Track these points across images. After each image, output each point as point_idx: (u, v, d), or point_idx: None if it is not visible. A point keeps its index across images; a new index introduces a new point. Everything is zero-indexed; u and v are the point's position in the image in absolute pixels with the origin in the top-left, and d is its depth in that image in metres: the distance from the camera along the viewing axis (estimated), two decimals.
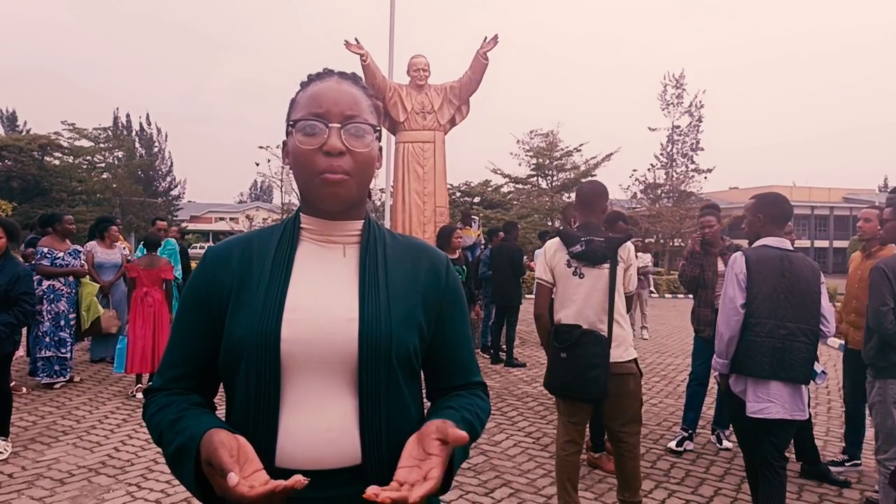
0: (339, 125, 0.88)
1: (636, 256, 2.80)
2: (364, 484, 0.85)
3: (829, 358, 7.17)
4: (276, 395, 0.86)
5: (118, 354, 5.05)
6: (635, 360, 2.66)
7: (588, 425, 3.26)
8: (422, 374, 1.01)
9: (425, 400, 1.04)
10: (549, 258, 2.70)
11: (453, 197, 21.06)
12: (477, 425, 0.95)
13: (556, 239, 2.74)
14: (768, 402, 2.39)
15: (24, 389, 4.91)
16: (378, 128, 0.93)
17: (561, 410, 2.74)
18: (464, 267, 5.70)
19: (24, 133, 27.47)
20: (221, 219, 45.75)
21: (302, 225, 0.96)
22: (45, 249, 5.03)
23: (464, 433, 0.78)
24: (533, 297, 2.93)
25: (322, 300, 0.90)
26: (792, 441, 3.42)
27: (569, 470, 2.66)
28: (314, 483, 0.85)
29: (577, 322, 2.57)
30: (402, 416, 0.91)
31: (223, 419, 0.95)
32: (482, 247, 7.78)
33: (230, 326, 0.89)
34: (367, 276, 0.92)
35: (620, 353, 2.58)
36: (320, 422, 0.87)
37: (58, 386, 5.05)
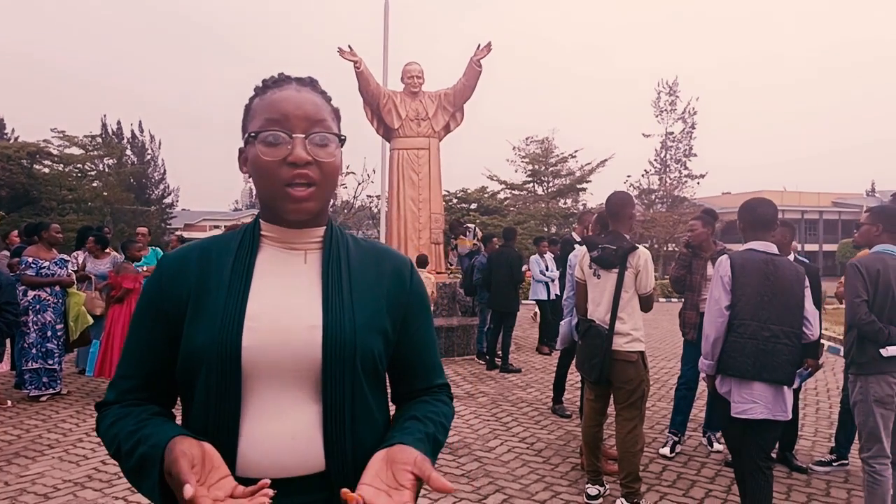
0: (304, 135, 0.86)
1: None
2: (328, 490, 0.85)
3: (824, 360, 7.19)
4: (237, 403, 0.85)
5: (90, 358, 5.16)
6: (640, 352, 3.01)
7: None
8: (387, 376, 1.00)
9: (390, 403, 1.03)
10: (580, 261, 3.28)
11: (449, 203, 21.00)
12: (441, 435, 0.95)
13: (584, 246, 3.30)
14: (752, 402, 2.42)
15: (9, 403, 4.85)
16: (342, 137, 0.92)
17: (585, 391, 3.32)
18: None
19: (12, 140, 27.19)
20: (216, 227, 45.38)
21: (262, 231, 0.94)
22: (30, 259, 4.96)
23: (447, 483, 0.77)
24: (530, 303, 3.53)
25: (284, 307, 0.88)
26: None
27: (591, 441, 3.19)
28: (278, 491, 0.84)
29: (593, 316, 3.10)
30: (367, 421, 0.90)
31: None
32: (482, 254, 7.76)
33: (189, 335, 0.87)
34: (330, 282, 0.91)
35: (622, 343, 2.99)
36: (283, 429, 0.85)
37: (44, 398, 4.98)
